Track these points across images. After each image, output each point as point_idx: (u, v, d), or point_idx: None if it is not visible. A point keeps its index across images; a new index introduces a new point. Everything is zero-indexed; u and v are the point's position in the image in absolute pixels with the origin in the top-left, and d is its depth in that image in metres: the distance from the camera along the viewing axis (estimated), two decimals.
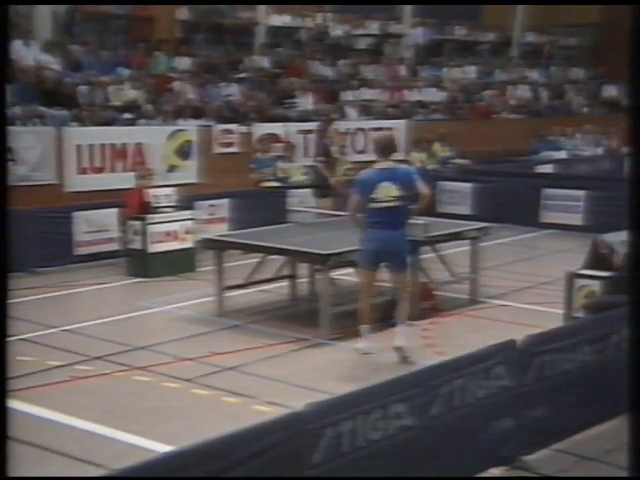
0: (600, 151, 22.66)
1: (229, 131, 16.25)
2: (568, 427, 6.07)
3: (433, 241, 9.77)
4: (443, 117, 21.40)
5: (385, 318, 9.13)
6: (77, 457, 5.92)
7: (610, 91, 27.04)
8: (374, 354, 8.16)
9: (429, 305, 9.80)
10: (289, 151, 16.12)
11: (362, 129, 18.59)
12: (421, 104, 21.62)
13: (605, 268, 7.66)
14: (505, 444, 5.63)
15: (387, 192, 7.87)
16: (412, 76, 23.24)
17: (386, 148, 8.11)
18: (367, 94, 21.00)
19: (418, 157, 17.12)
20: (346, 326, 8.74)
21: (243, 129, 16.44)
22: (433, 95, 22.49)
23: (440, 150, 17.66)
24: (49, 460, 5.90)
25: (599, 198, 14.92)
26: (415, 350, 8.20)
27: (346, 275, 10.02)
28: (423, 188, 8.09)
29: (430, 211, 10.35)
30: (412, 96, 22.02)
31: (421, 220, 9.01)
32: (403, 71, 23.28)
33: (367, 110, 20.09)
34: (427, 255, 9.95)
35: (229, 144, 16.16)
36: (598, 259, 7.86)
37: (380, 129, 18.72)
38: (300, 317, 9.63)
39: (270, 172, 15.37)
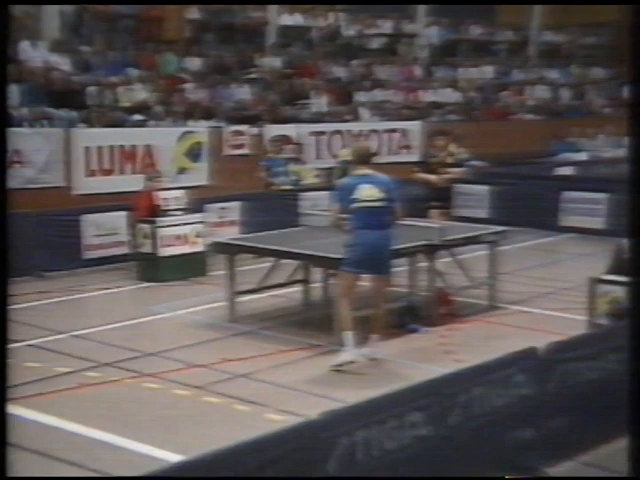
0: (621, 152, 22.36)
1: (240, 132, 16.13)
2: (593, 438, 5.90)
3: (450, 245, 9.65)
4: (459, 118, 21.21)
5: (401, 324, 9.04)
6: (85, 466, 5.85)
7: None
8: (358, 361, 7.93)
9: (446, 311, 9.69)
10: (300, 153, 15.96)
11: (376, 131, 18.42)
12: (436, 105, 21.48)
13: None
14: (526, 455, 5.52)
15: (368, 193, 7.90)
16: (427, 76, 23.09)
17: (363, 157, 8.21)
18: (381, 95, 20.86)
19: None
20: (361, 332, 8.56)
21: (254, 130, 16.32)
22: (448, 96, 22.35)
23: (456, 152, 17.46)
24: (56, 469, 5.84)
25: (621, 201, 14.65)
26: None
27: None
28: (397, 203, 8.04)
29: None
30: (427, 97, 21.88)
31: (437, 224, 8.83)
32: (417, 71, 23.13)
33: (381, 111, 19.93)
34: (444, 259, 9.83)
35: (240, 146, 16.07)
36: (621, 264, 7.64)
37: (394, 130, 18.68)
38: (313, 323, 9.51)
39: (281, 173, 15.19)
